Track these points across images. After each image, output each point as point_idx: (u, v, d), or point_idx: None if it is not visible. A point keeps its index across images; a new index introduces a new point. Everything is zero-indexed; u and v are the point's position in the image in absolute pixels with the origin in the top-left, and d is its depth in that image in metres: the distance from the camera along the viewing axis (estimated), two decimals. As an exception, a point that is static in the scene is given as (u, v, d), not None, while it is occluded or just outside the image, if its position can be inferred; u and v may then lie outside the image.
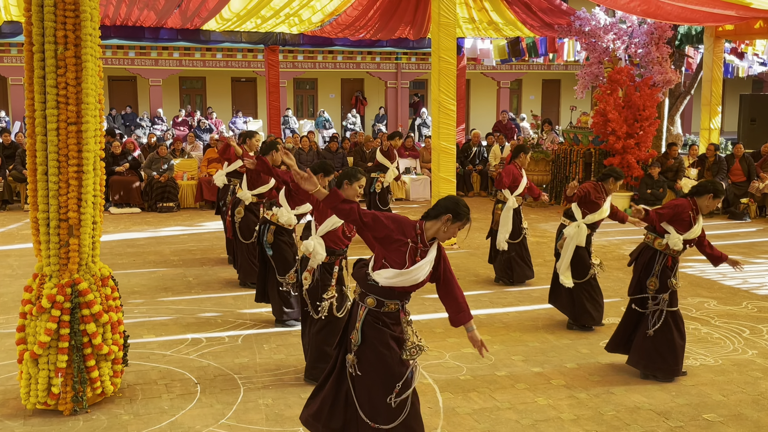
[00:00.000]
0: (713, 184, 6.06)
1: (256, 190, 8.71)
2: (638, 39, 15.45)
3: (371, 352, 4.21)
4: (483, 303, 8.27)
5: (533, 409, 5.48)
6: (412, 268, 4.14)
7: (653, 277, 6.05)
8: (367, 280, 4.22)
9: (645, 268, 6.13)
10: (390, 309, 4.25)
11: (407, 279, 4.15)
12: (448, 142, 10.81)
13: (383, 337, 4.21)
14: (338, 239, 5.81)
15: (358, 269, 4.33)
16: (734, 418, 5.34)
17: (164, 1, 14.27)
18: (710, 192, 5.99)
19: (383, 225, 4.16)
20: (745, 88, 30.00)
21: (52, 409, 5.32)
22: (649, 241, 6.13)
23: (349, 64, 27.83)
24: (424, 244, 4.20)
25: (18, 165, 14.61)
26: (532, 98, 31.56)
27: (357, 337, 4.21)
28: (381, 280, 4.17)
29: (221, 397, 5.64)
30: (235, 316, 7.72)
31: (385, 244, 4.18)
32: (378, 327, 4.22)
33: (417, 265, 4.15)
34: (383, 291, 4.21)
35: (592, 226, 7.38)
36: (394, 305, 4.26)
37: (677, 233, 5.99)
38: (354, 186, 5.71)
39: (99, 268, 5.48)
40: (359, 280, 4.29)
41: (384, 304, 4.23)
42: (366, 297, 4.24)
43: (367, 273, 4.23)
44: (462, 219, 4.19)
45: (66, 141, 5.16)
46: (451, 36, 10.70)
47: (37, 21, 5.13)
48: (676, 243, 5.99)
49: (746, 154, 14.66)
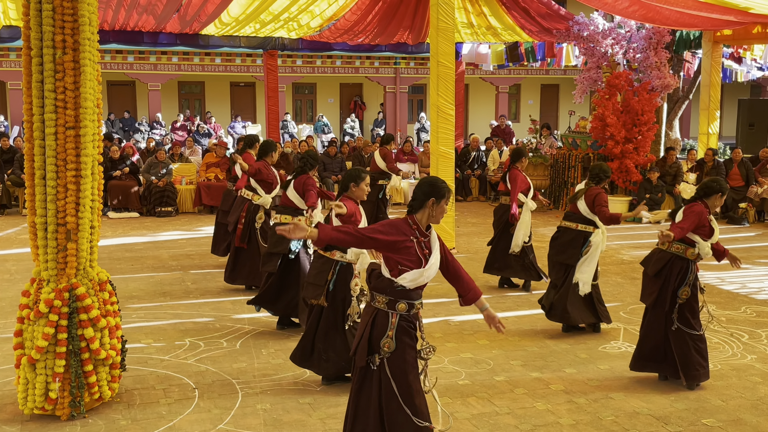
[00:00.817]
0: (718, 182, 6.01)
1: (273, 192, 8.64)
2: (637, 44, 15.47)
3: (400, 358, 4.24)
4: (482, 308, 8.24)
5: (532, 414, 5.47)
6: (429, 262, 4.21)
7: (686, 287, 5.95)
8: (395, 286, 4.23)
9: (679, 279, 5.98)
10: (417, 310, 4.33)
11: (429, 274, 4.23)
12: (447, 146, 10.81)
13: (413, 341, 4.30)
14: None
15: (379, 279, 4.31)
16: (733, 423, 5.33)
17: (163, 6, 14.27)
18: (718, 191, 5.94)
19: (384, 233, 4.19)
20: (744, 92, 30.03)
21: (49, 414, 5.30)
22: (680, 251, 5.96)
23: (348, 69, 27.85)
24: (423, 235, 4.27)
25: (16, 169, 14.59)
26: (530, 103, 31.58)
27: (392, 344, 4.22)
28: (407, 284, 4.21)
29: (219, 402, 5.63)
30: (233, 321, 7.70)
31: (394, 250, 4.20)
32: (410, 331, 4.28)
33: (431, 259, 4.23)
34: (411, 294, 4.26)
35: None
36: (420, 305, 4.34)
37: (704, 240, 5.92)
38: (361, 186, 5.72)
39: (97, 273, 5.47)
40: (383, 288, 4.27)
41: (413, 306, 4.29)
42: (397, 303, 4.25)
43: (391, 279, 4.23)
44: (445, 195, 4.28)
45: (64, 145, 5.16)
46: (450, 41, 10.71)
47: (36, 25, 5.12)
48: (706, 252, 5.94)
49: (744, 159, 14.67)
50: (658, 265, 6.08)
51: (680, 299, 5.95)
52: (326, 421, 5.27)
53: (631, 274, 9.80)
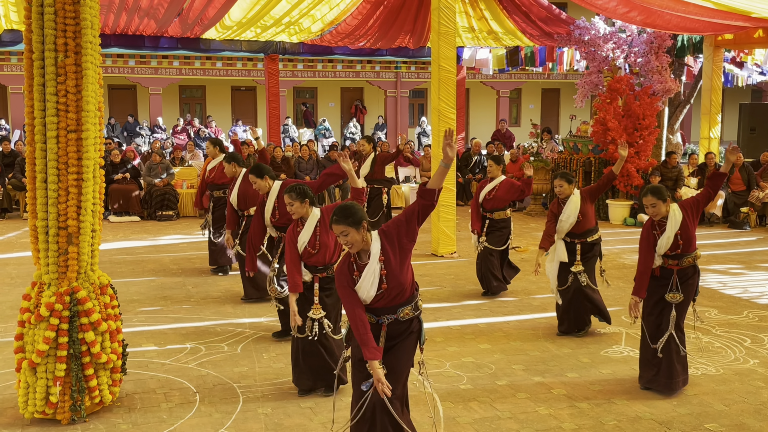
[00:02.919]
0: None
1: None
2: (638, 48, 15.47)
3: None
4: (483, 312, 8.24)
5: (534, 418, 5.45)
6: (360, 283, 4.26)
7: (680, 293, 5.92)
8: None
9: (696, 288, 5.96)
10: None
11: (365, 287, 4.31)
12: (448, 150, 10.77)
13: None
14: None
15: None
16: (736, 427, 5.31)
17: (164, 10, 14.28)
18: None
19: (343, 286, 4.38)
20: (745, 97, 30.05)
21: (50, 419, 5.28)
22: (692, 257, 5.93)
23: (349, 73, 27.88)
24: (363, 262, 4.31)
25: (17, 173, 14.60)
26: (531, 107, 31.61)
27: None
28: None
29: (220, 407, 5.61)
30: (234, 325, 7.69)
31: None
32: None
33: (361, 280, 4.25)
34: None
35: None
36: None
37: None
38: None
39: (98, 277, 5.46)
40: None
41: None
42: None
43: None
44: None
45: (66, 149, 5.15)
46: (451, 45, 10.71)
47: (37, 28, 5.12)
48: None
49: (746, 163, 14.65)
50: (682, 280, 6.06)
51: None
52: (327, 425, 5.25)
53: (632, 278, 9.75)
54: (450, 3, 10.57)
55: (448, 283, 9.56)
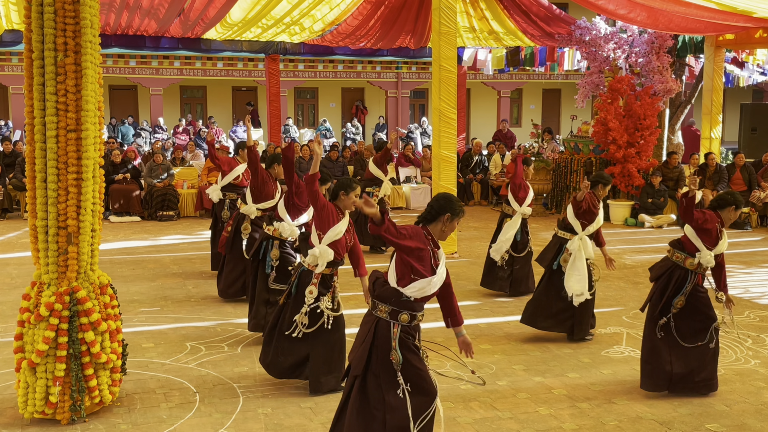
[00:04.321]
0: (733, 195, 5.92)
1: (260, 204, 8.17)
2: (639, 48, 15.46)
3: (409, 370, 4.20)
4: (484, 312, 8.23)
5: (535, 419, 5.44)
6: (437, 273, 4.20)
7: (681, 296, 5.85)
8: (401, 296, 4.20)
9: (675, 288, 5.89)
10: (418, 321, 4.29)
11: (434, 285, 4.22)
12: (449, 150, 10.80)
13: (417, 351, 4.26)
14: (341, 248, 5.76)
15: (384, 287, 4.26)
16: (737, 428, 5.30)
17: (165, 10, 14.29)
18: (732, 204, 5.86)
19: (410, 237, 4.17)
20: (746, 97, 30.01)
21: (49, 419, 5.28)
22: (680, 260, 5.90)
23: (350, 74, 27.88)
24: (436, 246, 4.28)
25: (18, 173, 14.59)
26: (532, 107, 31.59)
27: (398, 356, 4.17)
28: (414, 293, 4.18)
29: (220, 407, 5.60)
30: (234, 326, 7.68)
31: (414, 255, 4.17)
32: (409, 342, 4.23)
33: (439, 270, 4.22)
34: (415, 305, 4.24)
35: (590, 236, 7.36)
36: (421, 316, 4.32)
37: (707, 249, 5.81)
38: (350, 195, 5.69)
39: (98, 276, 5.45)
40: (388, 297, 4.22)
41: (415, 318, 4.26)
42: (400, 314, 4.21)
43: (397, 289, 4.20)
44: (459, 214, 4.29)
45: (65, 148, 5.14)
46: (452, 45, 10.70)
47: (37, 28, 5.11)
48: (708, 260, 5.79)
49: (747, 164, 14.65)
50: (659, 271, 6.05)
51: (674, 308, 5.87)
52: (327, 425, 5.23)
53: (634, 278, 9.76)
54: (451, 3, 10.56)
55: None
